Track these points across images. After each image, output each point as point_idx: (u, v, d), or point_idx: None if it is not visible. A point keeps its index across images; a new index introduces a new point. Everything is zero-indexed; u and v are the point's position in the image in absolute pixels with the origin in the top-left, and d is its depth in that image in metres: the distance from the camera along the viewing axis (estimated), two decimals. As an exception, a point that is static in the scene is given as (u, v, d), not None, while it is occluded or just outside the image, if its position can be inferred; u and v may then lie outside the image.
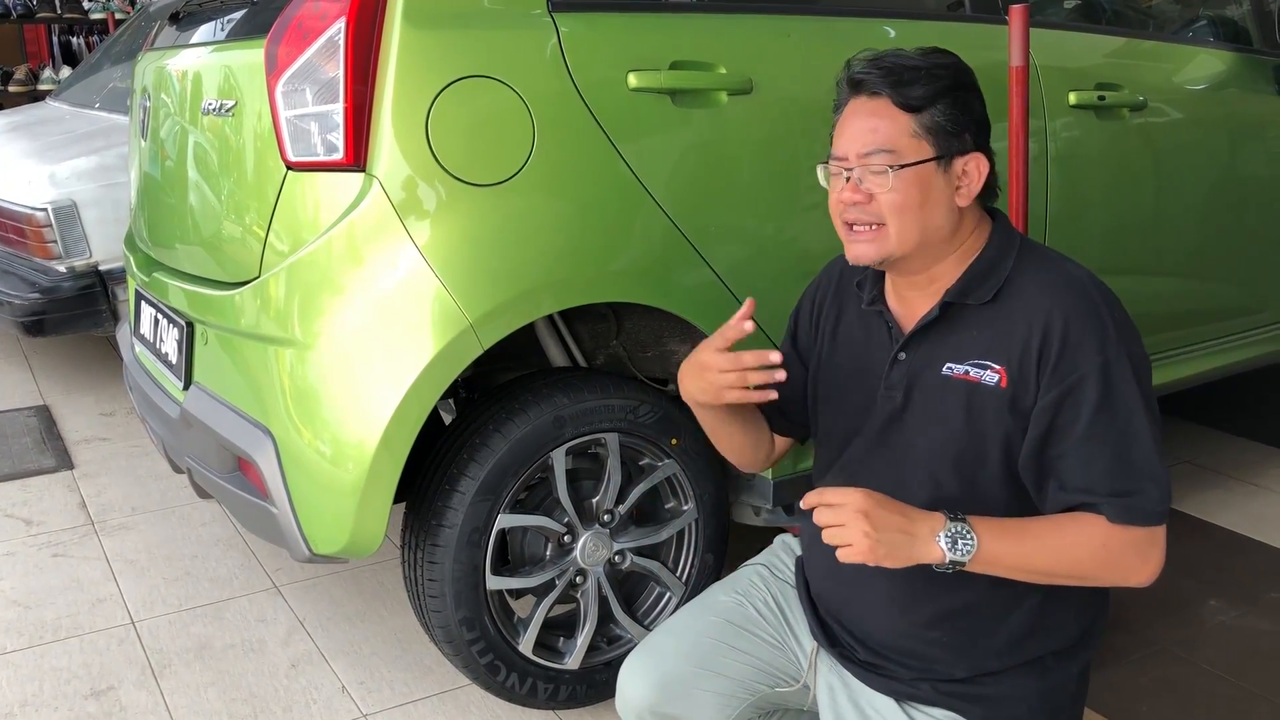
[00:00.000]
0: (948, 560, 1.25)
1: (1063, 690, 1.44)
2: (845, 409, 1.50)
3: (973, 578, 1.36)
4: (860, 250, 1.38)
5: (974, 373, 1.35)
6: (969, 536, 1.24)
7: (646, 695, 1.49)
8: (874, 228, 1.36)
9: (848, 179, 1.36)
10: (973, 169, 1.36)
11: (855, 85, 1.37)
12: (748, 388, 1.37)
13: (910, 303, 1.44)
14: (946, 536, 1.24)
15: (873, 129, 1.34)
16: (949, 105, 1.34)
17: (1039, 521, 1.31)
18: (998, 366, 1.33)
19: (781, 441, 1.67)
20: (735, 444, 1.59)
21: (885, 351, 1.44)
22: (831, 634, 1.51)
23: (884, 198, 1.34)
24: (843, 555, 1.23)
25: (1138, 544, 1.28)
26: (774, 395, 1.38)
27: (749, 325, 1.36)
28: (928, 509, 1.27)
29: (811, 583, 1.56)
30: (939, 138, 1.34)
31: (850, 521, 1.21)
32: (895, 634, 1.44)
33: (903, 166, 1.33)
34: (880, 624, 1.45)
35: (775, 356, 1.34)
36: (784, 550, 1.67)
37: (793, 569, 1.63)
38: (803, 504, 1.26)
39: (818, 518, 1.24)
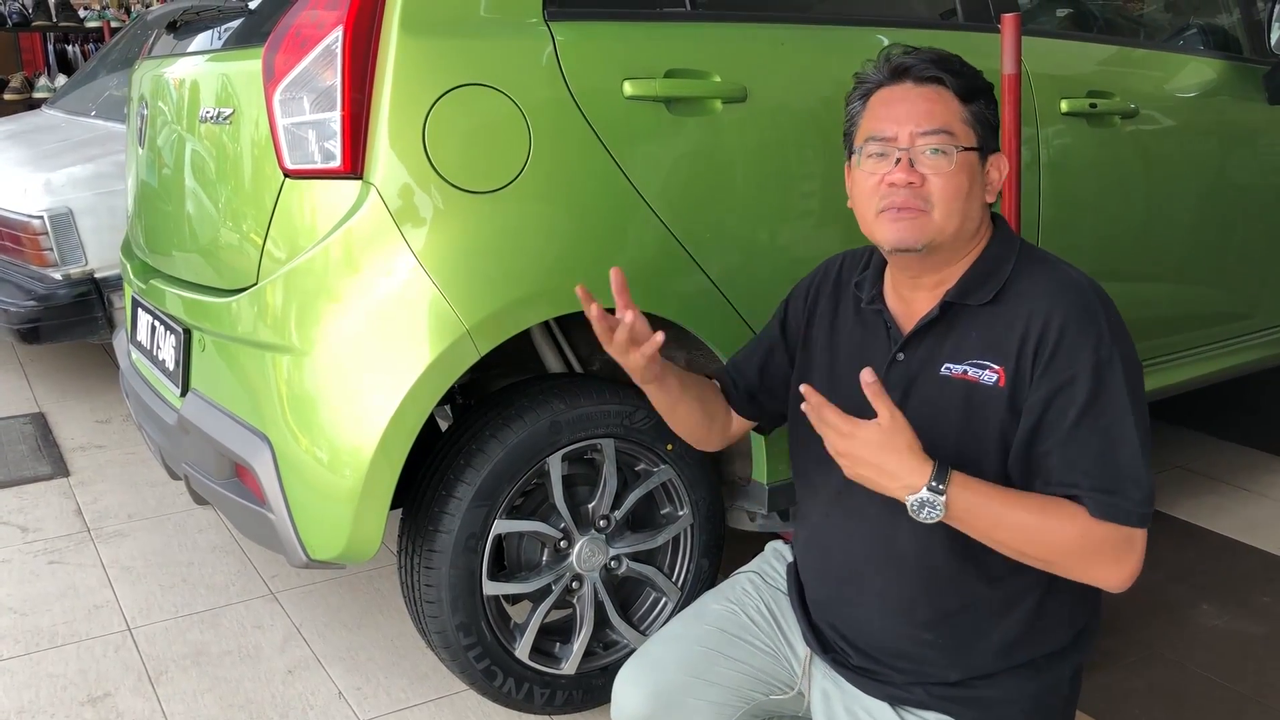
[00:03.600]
0: (909, 514, 1.28)
1: (1055, 693, 1.45)
2: (840, 407, 1.50)
3: (970, 581, 1.37)
4: (903, 230, 1.36)
5: (972, 372, 1.36)
6: (937, 507, 1.25)
7: (641, 705, 1.49)
8: (917, 210, 1.35)
9: (897, 161, 1.35)
10: (999, 167, 1.41)
11: (899, 72, 1.39)
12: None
13: (910, 302, 1.45)
14: (915, 503, 1.26)
15: (930, 112, 1.35)
16: (987, 102, 1.39)
17: (1026, 495, 1.31)
18: (996, 366, 1.35)
19: (739, 424, 1.70)
20: (689, 424, 1.66)
21: (883, 351, 1.45)
22: (824, 639, 1.52)
23: (937, 181, 1.34)
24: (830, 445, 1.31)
25: (1115, 543, 1.28)
26: (660, 335, 1.47)
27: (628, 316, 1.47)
28: None
29: (806, 585, 1.56)
30: (984, 130, 1.38)
31: (850, 450, 1.29)
32: (890, 635, 1.44)
33: (961, 150, 1.35)
34: (875, 625, 1.45)
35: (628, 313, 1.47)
36: (775, 557, 1.68)
37: (785, 576, 1.63)
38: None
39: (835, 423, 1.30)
